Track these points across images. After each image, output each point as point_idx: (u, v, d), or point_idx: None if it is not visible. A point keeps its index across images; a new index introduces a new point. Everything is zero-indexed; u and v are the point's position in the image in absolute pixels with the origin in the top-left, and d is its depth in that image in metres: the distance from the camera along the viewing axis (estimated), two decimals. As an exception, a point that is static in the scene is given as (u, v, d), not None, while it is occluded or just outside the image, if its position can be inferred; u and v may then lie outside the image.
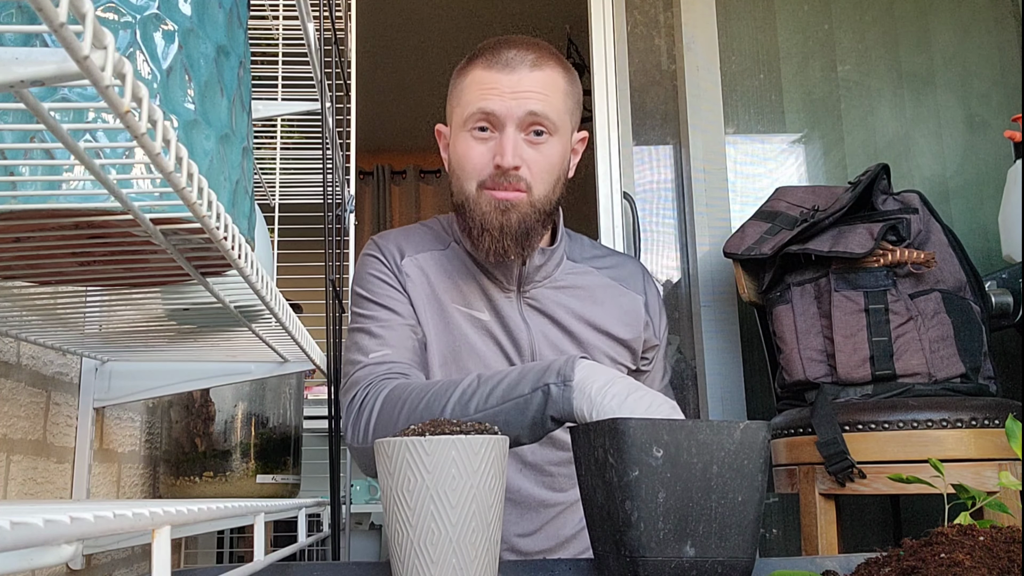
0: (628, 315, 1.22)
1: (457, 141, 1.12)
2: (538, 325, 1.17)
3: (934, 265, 1.59)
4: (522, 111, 1.07)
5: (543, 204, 1.10)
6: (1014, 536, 0.61)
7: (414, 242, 1.21)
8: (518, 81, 1.07)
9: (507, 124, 1.07)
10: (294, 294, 1.77)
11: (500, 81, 1.07)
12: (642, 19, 2.36)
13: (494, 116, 1.07)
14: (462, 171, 1.11)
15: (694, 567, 0.72)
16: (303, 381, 1.61)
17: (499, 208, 1.08)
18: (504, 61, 1.08)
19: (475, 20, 3.65)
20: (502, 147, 1.07)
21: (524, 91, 1.07)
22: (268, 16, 1.67)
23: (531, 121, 1.08)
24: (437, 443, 0.71)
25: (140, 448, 1.43)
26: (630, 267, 1.27)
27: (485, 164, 1.08)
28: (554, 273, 1.20)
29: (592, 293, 1.21)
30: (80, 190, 0.55)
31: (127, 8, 0.57)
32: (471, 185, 1.10)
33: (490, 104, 1.07)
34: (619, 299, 1.22)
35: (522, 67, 1.08)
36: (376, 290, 1.16)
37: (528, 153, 1.08)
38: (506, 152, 1.06)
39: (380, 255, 1.19)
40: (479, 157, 1.09)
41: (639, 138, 2.30)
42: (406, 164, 5.03)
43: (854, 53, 2.35)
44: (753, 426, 0.74)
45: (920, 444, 1.46)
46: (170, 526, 0.46)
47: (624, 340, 1.20)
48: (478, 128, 1.09)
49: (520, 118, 1.07)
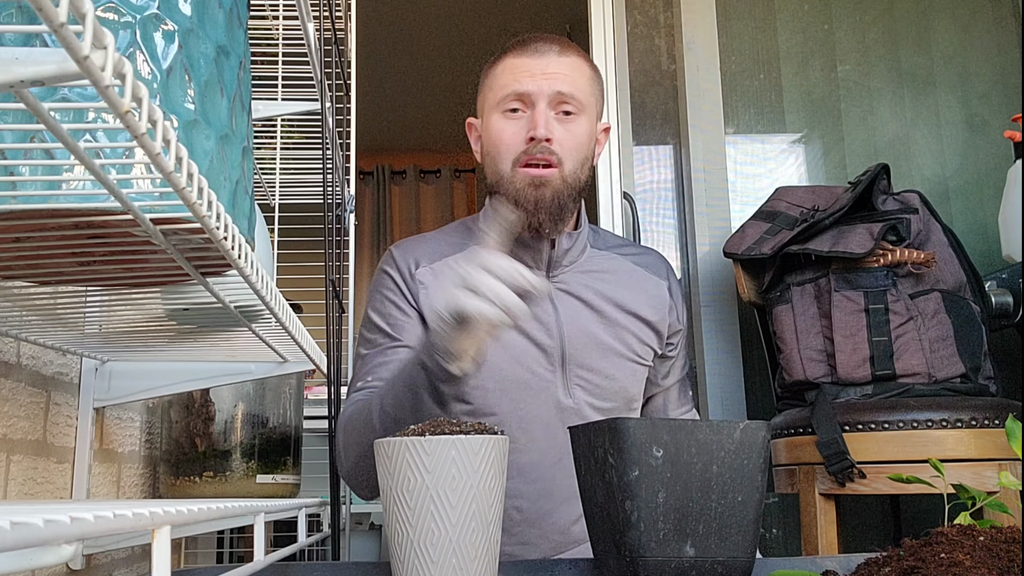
0: (654, 299, 1.24)
1: (490, 123, 1.17)
2: (568, 308, 1.18)
3: (934, 265, 1.59)
4: (551, 90, 1.13)
5: (573, 180, 1.15)
6: (1014, 536, 0.61)
7: (431, 250, 1.22)
8: (547, 64, 1.14)
9: (538, 101, 1.13)
10: (294, 294, 1.77)
11: (529, 64, 1.14)
12: (642, 19, 2.36)
13: (526, 95, 1.13)
14: (496, 151, 1.16)
15: (694, 567, 0.72)
16: (303, 381, 1.61)
17: (532, 183, 1.12)
18: (533, 48, 1.15)
19: (475, 20, 3.66)
20: (535, 120, 1.12)
21: (553, 72, 1.13)
22: (268, 16, 1.67)
23: (560, 100, 1.14)
24: (437, 443, 0.71)
25: (140, 448, 1.43)
26: (653, 256, 1.31)
27: (518, 140, 1.13)
28: (579, 258, 1.22)
29: (619, 277, 1.23)
30: (80, 190, 0.55)
31: (127, 8, 0.57)
32: (505, 164, 1.14)
33: (522, 85, 1.13)
34: (644, 283, 1.25)
35: (550, 53, 1.15)
36: (382, 312, 1.18)
37: (558, 130, 1.13)
38: (539, 124, 1.11)
39: (395, 270, 1.21)
40: (512, 135, 1.14)
41: (639, 138, 2.30)
42: (406, 164, 5.03)
43: (854, 53, 2.35)
44: (753, 426, 0.74)
45: (920, 444, 1.46)
46: (170, 526, 0.46)
47: (652, 322, 1.22)
48: (510, 109, 1.15)
49: (550, 96, 1.13)
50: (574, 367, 1.16)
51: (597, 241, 1.27)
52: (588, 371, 1.16)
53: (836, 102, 2.32)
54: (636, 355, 1.20)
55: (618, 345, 1.18)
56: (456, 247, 1.22)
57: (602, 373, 1.17)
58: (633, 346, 1.19)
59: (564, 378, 1.15)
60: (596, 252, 1.25)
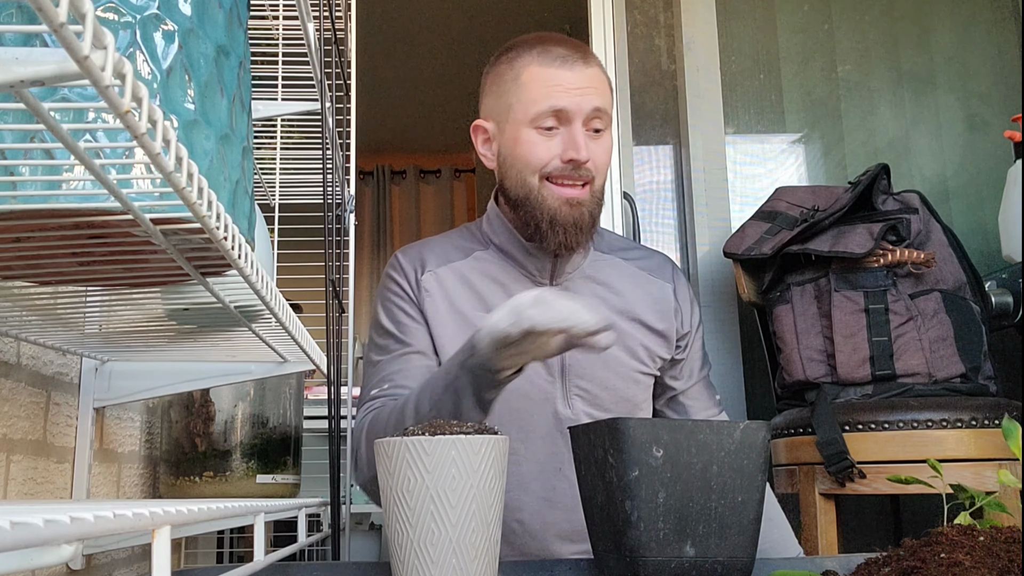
0: (659, 303, 1.22)
1: (519, 137, 1.13)
2: None
3: (934, 265, 1.59)
4: (589, 107, 1.11)
5: (600, 194, 1.15)
6: (1014, 536, 0.61)
7: (436, 255, 1.21)
8: (580, 78, 1.11)
9: (575, 119, 1.11)
10: (294, 294, 1.77)
11: (563, 78, 1.11)
12: (642, 19, 2.36)
13: (563, 113, 1.11)
14: (525, 165, 1.13)
15: (694, 567, 0.72)
16: (303, 381, 1.61)
17: (568, 203, 1.11)
18: (560, 58, 1.12)
19: (475, 20, 3.65)
20: (576, 142, 1.10)
21: (586, 87, 1.11)
22: (268, 16, 1.67)
23: (594, 116, 1.12)
24: (437, 443, 0.71)
25: (140, 448, 1.43)
26: (658, 259, 1.29)
27: (552, 157, 1.11)
28: (582, 264, 1.21)
29: (622, 282, 1.22)
30: (80, 190, 0.55)
31: (127, 8, 0.57)
32: (534, 178, 1.12)
33: (560, 101, 1.10)
34: (648, 287, 1.23)
35: (577, 64, 1.12)
36: (391, 317, 1.18)
37: (592, 147, 1.12)
38: (581, 147, 1.10)
39: (400, 275, 1.20)
40: (546, 152, 1.11)
41: (639, 138, 2.30)
42: (406, 164, 5.03)
43: (854, 53, 2.35)
44: (753, 426, 0.74)
45: (920, 444, 1.46)
46: (170, 526, 0.46)
47: (658, 329, 1.21)
48: (546, 127, 1.12)
49: (587, 113, 1.11)
50: (573, 377, 1.15)
51: (600, 243, 1.26)
52: (587, 381, 1.15)
53: (836, 102, 2.32)
54: (640, 362, 1.18)
55: (621, 353, 1.17)
56: (461, 251, 1.22)
57: (602, 384, 1.16)
58: (637, 353, 1.18)
59: (564, 388, 1.15)
60: (599, 255, 1.24)
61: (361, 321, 4.66)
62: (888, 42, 2.35)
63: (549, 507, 1.14)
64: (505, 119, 1.15)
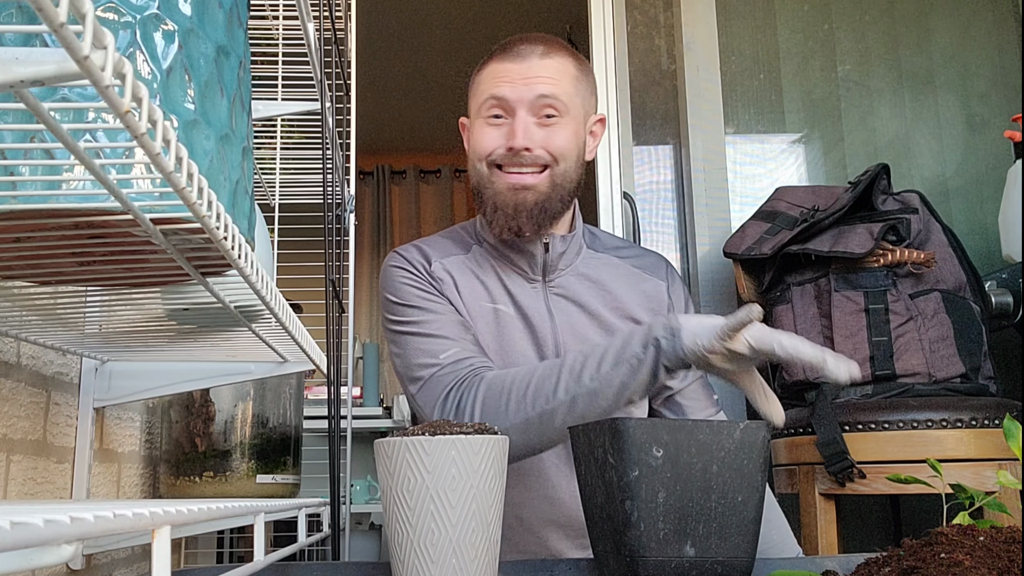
0: (651, 300, 1.23)
1: (473, 128, 1.19)
2: (564, 313, 1.18)
3: (934, 265, 1.59)
4: (532, 94, 1.13)
5: (563, 180, 1.15)
6: (1014, 536, 0.61)
7: (438, 248, 1.23)
8: (528, 68, 1.14)
9: (518, 108, 1.13)
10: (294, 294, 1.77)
11: (511, 70, 1.14)
12: (642, 19, 2.36)
13: (505, 101, 1.14)
14: (474, 154, 1.18)
15: (694, 567, 0.72)
16: (303, 381, 1.61)
17: (513, 188, 1.13)
18: (516, 52, 1.16)
19: (475, 20, 3.65)
20: (513, 130, 1.13)
21: (534, 77, 1.13)
22: (268, 16, 1.67)
23: (542, 104, 1.13)
24: (437, 443, 0.71)
25: (140, 448, 1.43)
26: (652, 258, 1.30)
27: (497, 146, 1.14)
28: (575, 261, 1.22)
29: (616, 281, 1.23)
30: (80, 190, 0.55)
31: (127, 8, 0.57)
32: (482, 166, 1.16)
33: (501, 90, 1.14)
34: (642, 285, 1.24)
35: (532, 56, 1.15)
36: (414, 295, 1.17)
37: (539, 134, 1.13)
38: (517, 134, 1.12)
39: (407, 264, 1.21)
40: (491, 140, 1.15)
41: (639, 138, 2.30)
42: (406, 164, 5.02)
43: (854, 53, 2.35)
44: (753, 426, 0.74)
45: (920, 444, 1.46)
46: (170, 526, 0.46)
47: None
48: (492, 115, 1.15)
49: (531, 101, 1.13)
50: None
51: (594, 243, 1.27)
52: None
53: (836, 102, 2.32)
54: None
55: None
56: (461, 246, 1.24)
57: None
58: None
59: None
60: (593, 254, 1.25)
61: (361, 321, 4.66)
62: (888, 42, 2.35)
63: (548, 504, 1.14)
64: (471, 116, 1.21)
